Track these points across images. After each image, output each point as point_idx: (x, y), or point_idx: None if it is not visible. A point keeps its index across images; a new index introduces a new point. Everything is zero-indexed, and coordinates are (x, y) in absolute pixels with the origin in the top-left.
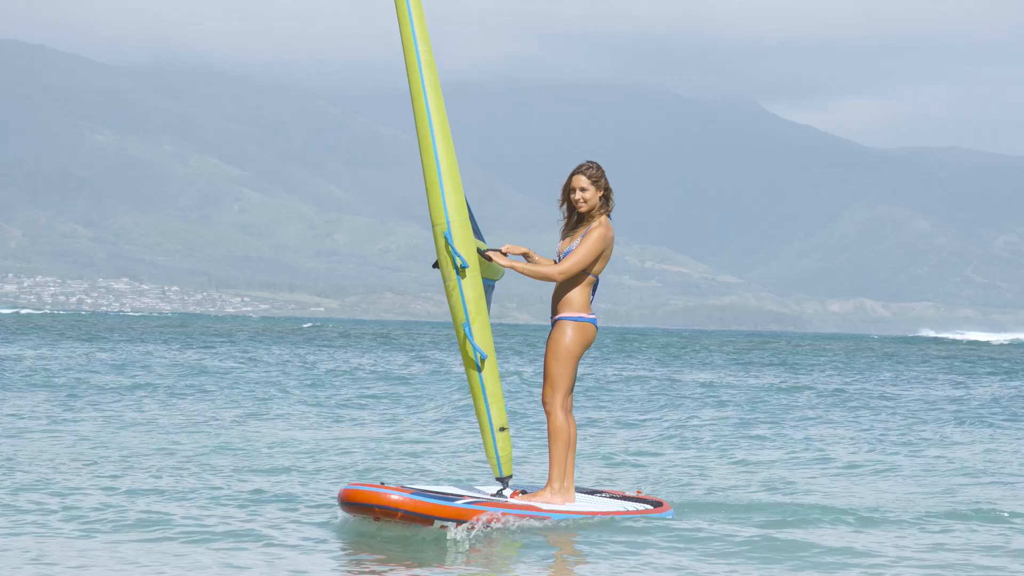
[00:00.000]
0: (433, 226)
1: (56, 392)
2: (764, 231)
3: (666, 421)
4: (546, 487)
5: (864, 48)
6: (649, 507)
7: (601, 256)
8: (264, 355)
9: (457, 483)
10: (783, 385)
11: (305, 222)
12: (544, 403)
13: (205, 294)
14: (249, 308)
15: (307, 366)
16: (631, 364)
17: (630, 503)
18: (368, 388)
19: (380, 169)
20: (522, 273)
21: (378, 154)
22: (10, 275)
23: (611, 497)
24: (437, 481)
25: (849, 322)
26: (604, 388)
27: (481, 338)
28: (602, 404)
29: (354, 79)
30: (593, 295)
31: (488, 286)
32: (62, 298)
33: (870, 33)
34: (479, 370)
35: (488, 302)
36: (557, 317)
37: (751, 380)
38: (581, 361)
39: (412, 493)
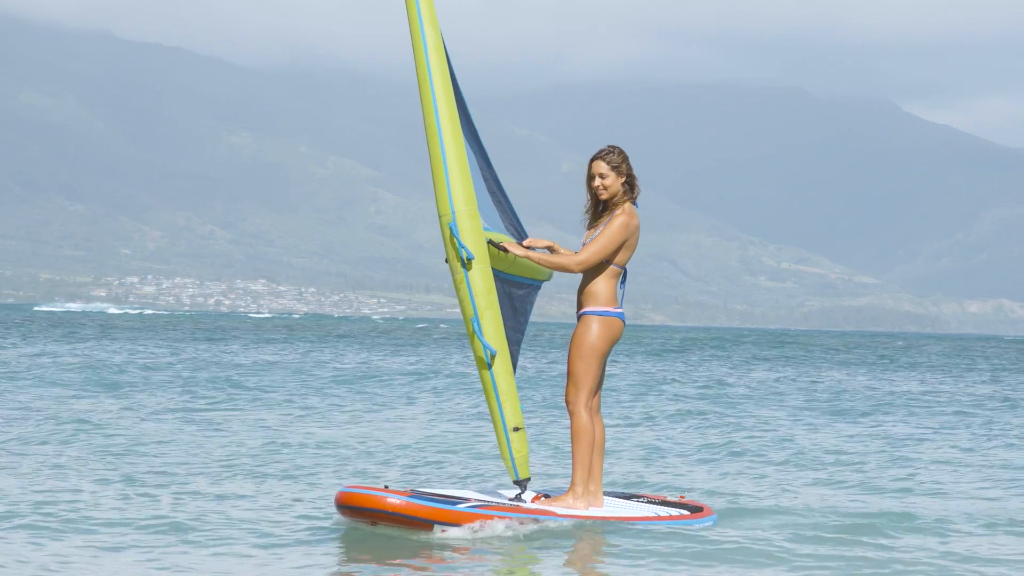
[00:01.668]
0: (439, 217)
1: (69, 387)
2: (901, 231)
3: (736, 422)
4: (569, 491)
5: (1002, 46)
6: (686, 512)
7: (624, 245)
8: (341, 355)
9: (485, 485)
10: (866, 385)
11: None
12: (567, 402)
13: (342, 295)
14: (385, 309)
15: (376, 366)
16: (714, 365)
17: (666, 508)
18: (429, 387)
19: (515, 170)
20: (539, 264)
21: (513, 155)
22: (149, 276)
23: (649, 502)
24: (468, 481)
25: (988, 323)
26: (680, 389)
27: (492, 334)
28: (670, 402)
29: (489, 81)
30: (621, 287)
31: (533, 287)
32: (200, 299)
33: (1008, 31)
34: (490, 367)
35: (531, 303)
36: (581, 311)
37: (840, 381)
38: (613, 358)
39: (411, 496)
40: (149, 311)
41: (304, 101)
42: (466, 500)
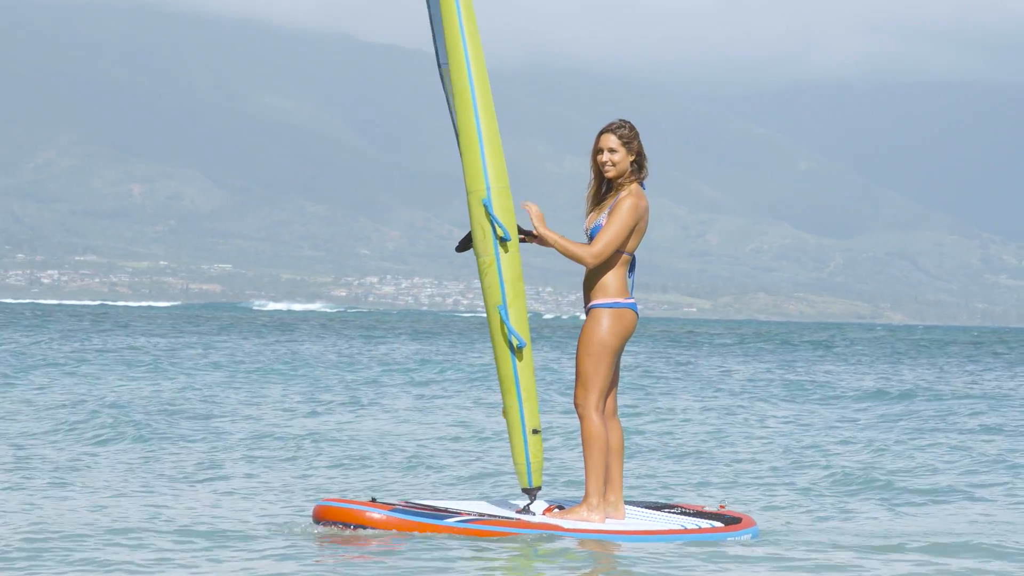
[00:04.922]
0: (468, 194)
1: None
2: None
3: (816, 429)
4: (583, 502)
5: None
6: (720, 524)
7: (635, 230)
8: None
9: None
10: (965, 391)
11: (678, 222)
12: (576, 405)
13: (578, 295)
14: None
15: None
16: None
17: (698, 520)
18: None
19: (752, 169)
20: (555, 246)
21: (750, 154)
22: (388, 276)
23: (682, 512)
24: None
25: None
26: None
27: (519, 326)
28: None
29: (726, 79)
30: (631, 276)
31: None
32: (439, 299)
33: None
34: (514, 362)
35: None
36: (590, 305)
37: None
38: (626, 353)
39: (392, 510)
40: (352, 308)
41: (541, 101)
42: (458, 513)
